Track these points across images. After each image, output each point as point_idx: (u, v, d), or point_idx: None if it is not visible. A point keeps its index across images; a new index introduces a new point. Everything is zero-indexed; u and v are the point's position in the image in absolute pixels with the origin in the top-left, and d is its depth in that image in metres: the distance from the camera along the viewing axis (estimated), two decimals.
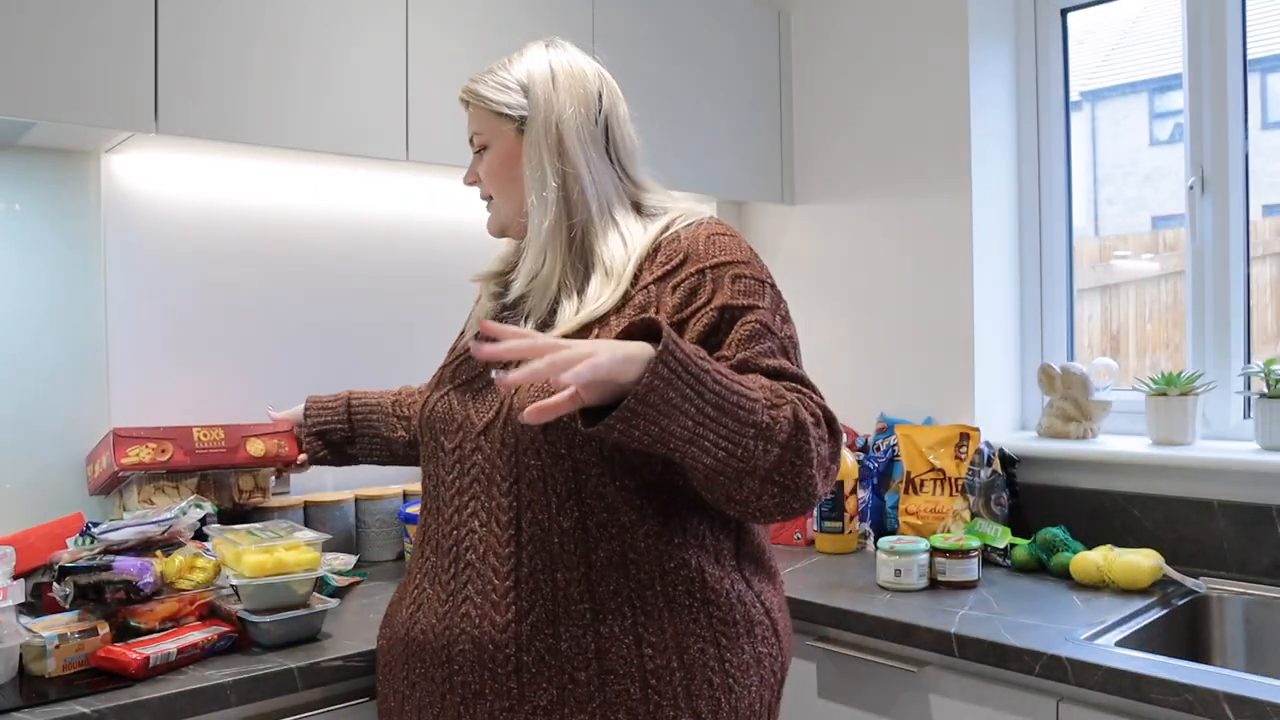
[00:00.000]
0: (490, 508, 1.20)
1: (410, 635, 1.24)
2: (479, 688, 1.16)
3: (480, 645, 1.16)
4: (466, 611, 1.18)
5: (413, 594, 1.26)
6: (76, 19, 1.50)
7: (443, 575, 1.22)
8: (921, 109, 2.33)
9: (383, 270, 2.17)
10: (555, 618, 1.15)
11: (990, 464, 2.05)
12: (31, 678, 1.30)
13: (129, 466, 1.66)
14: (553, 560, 1.16)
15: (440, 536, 1.24)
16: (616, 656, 1.14)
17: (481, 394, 1.26)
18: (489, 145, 1.36)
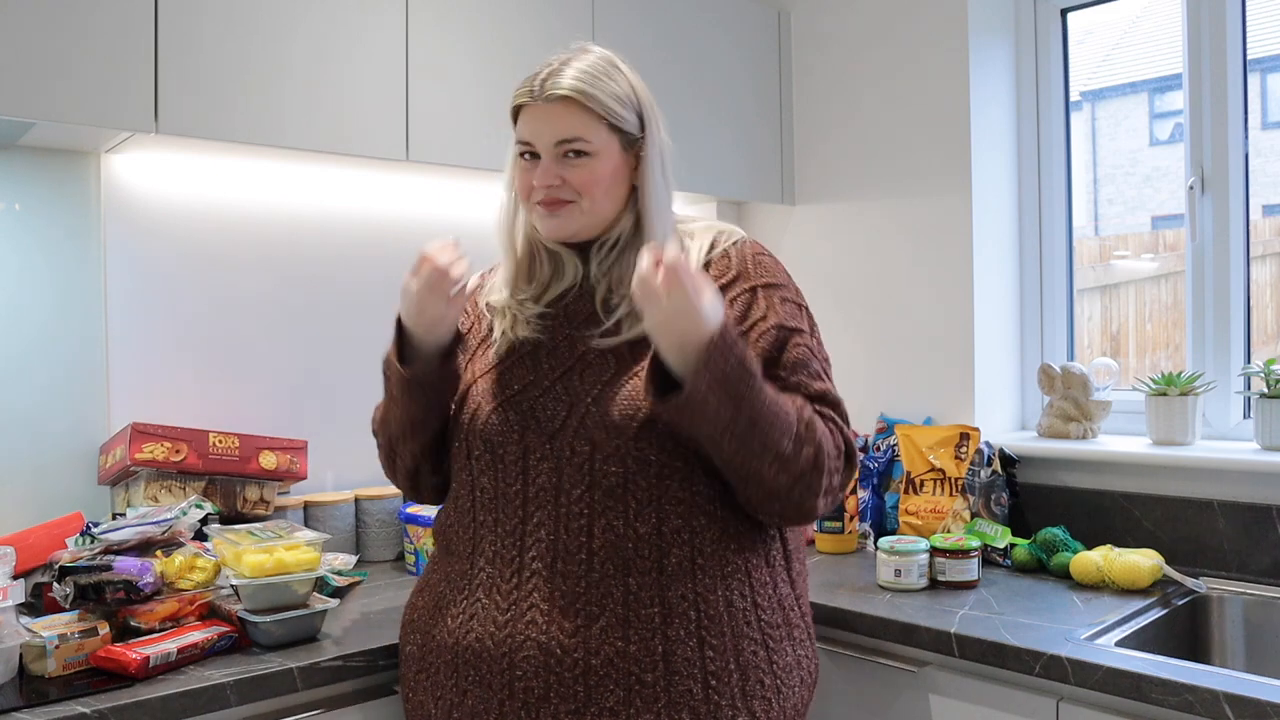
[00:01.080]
0: (560, 515, 1.22)
1: (462, 644, 1.23)
2: (543, 692, 1.17)
3: (547, 651, 1.18)
4: (532, 619, 1.19)
5: (462, 604, 1.26)
6: (76, 19, 1.50)
7: (503, 585, 1.22)
8: (921, 109, 2.33)
9: (382, 270, 2.17)
10: (626, 622, 1.18)
11: (990, 464, 2.05)
12: (31, 678, 1.30)
13: (142, 462, 1.68)
14: (626, 565, 1.20)
15: (500, 547, 1.24)
16: (681, 658, 1.18)
17: (541, 403, 1.27)
18: (593, 153, 1.30)
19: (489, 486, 1.28)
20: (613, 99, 1.30)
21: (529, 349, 1.33)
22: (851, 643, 1.66)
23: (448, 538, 1.34)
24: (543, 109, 1.29)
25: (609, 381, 1.25)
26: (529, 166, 1.32)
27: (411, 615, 1.36)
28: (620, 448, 1.21)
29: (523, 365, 1.32)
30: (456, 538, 1.31)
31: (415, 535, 1.89)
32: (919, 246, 2.35)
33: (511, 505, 1.25)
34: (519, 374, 1.31)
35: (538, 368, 1.31)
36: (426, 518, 1.88)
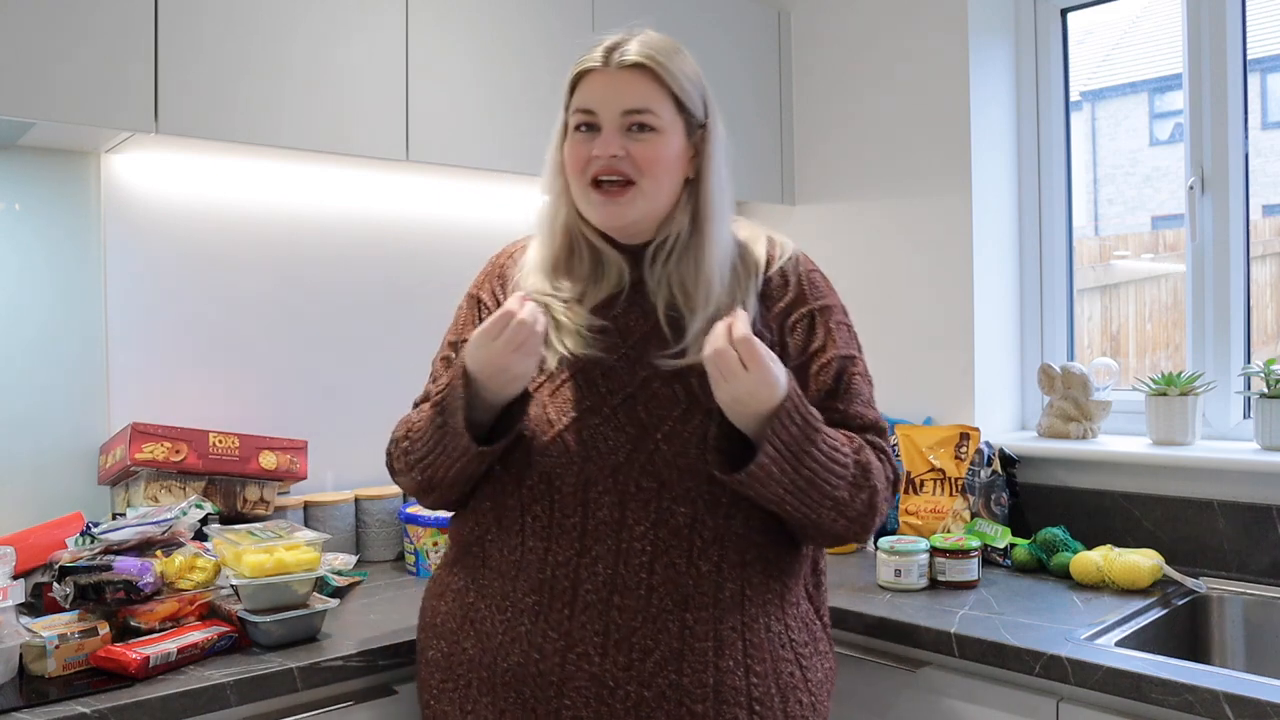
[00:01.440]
0: (620, 550, 1.19)
1: (502, 665, 1.20)
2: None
3: (600, 682, 1.16)
4: (585, 651, 1.17)
5: (501, 624, 1.22)
6: (76, 19, 1.50)
7: (553, 615, 1.19)
8: (921, 109, 2.33)
9: (382, 270, 2.17)
10: (680, 655, 1.17)
11: (990, 464, 2.05)
12: (31, 678, 1.30)
13: (142, 463, 1.68)
14: (684, 601, 1.19)
15: (551, 576, 1.20)
16: (729, 688, 1.18)
17: (602, 432, 1.21)
18: (660, 130, 1.23)
19: (542, 515, 1.22)
20: (684, 77, 1.25)
21: (582, 365, 1.25)
22: (851, 643, 1.66)
23: (485, 550, 1.27)
24: (611, 76, 1.22)
25: (680, 418, 1.21)
26: (585, 139, 1.24)
27: (434, 619, 1.31)
28: (692, 489, 1.20)
29: (578, 384, 1.24)
30: (498, 554, 1.26)
31: (415, 535, 1.89)
32: (919, 246, 2.35)
33: (568, 537, 1.21)
34: (576, 395, 1.24)
35: (595, 390, 1.24)
36: (426, 518, 1.88)
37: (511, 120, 2.00)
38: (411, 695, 1.47)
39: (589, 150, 1.23)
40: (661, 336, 1.25)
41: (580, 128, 1.25)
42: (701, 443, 1.19)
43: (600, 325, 1.26)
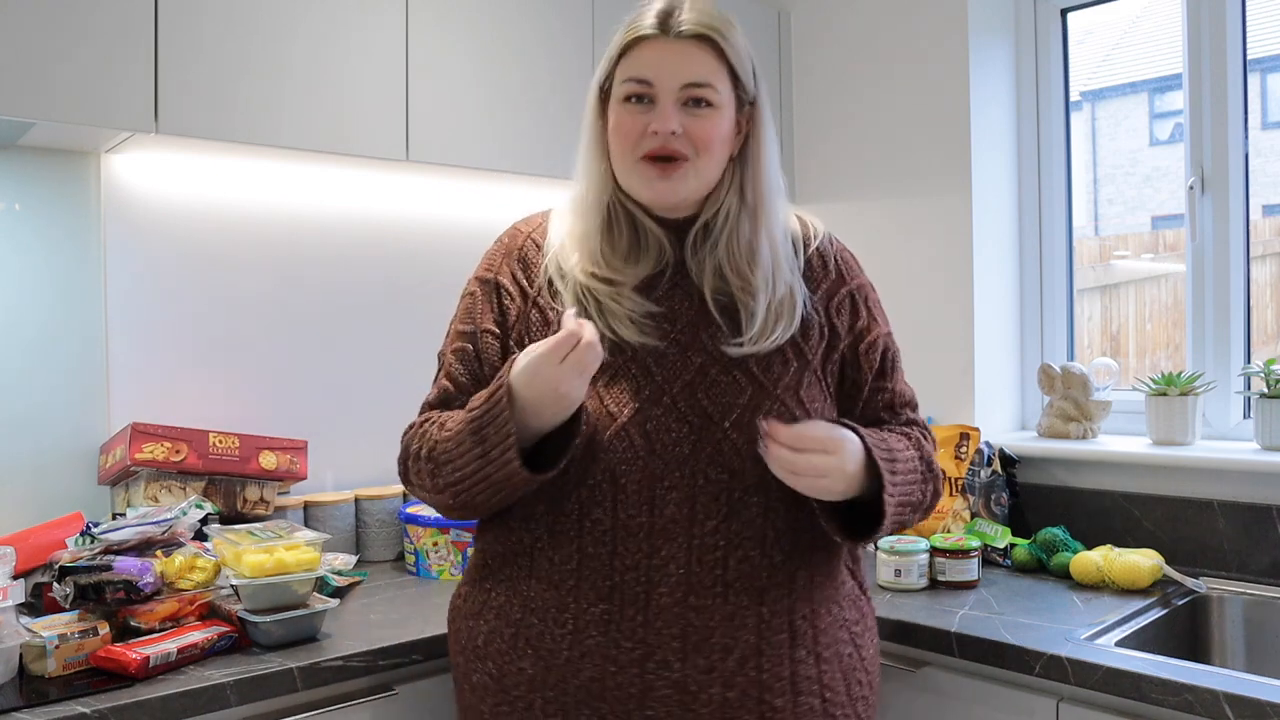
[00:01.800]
0: (692, 548, 1.13)
1: (574, 683, 1.13)
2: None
3: (682, 689, 1.11)
4: (664, 659, 1.12)
5: (565, 639, 1.14)
6: (76, 19, 1.50)
7: (625, 624, 1.12)
8: (922, 109, 2.33)
9: (382, 270, 2.17)
10: (759, 651, 1.14)
11: (990, 464, 2.05)
12: (31, 678, 1.30)
13: (142, 463, 1.69)
14: (760, 594, 1.15)
15: (620, 582, 1.13)
16: (803, 678, 1.16)
17: (663, 423, 1.15)
18: (717, 105, 1.17)
19: (604, 519, 1.14)
20: (742, 50, 1.19)
21: (634, 353, 1.17)
22: None
23: (532, 561, 1.18)
24: (669, 46, 1.15)
25: (748, 405, 1.16)
26: (638, 111, 1.16)
27: (474, 640, 1.22)
28: (765, 478, 1.13)
29: (633, 374, 1.17)
30: (547, 564, 1.17)
31: (415, 535, 1.89)
32: (919, 246, 2.35)
33: (635, 539, 1.13)
34: (633, 386, 1.16)
35: (651, 379, 1.16)
36: (426, 518, 1.88)
37: (511, 120, 2.00)
38: (412, 695, 1.47)
39: (643, 123, 1.16)
40: (710, 320, 1.19)
41: (631, 99, 1.17)
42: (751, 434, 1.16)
43: (649, 310, 1.19)
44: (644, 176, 1.18)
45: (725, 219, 1.21)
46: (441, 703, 1.50)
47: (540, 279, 1.23)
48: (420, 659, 1.47)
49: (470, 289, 1.29)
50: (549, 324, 1.20)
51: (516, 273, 1.25)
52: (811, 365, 1.22)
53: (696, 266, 1.22)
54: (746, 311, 1.19)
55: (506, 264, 1.27)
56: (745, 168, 1.22)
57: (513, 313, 1.23)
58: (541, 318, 1.22)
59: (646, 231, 1.22)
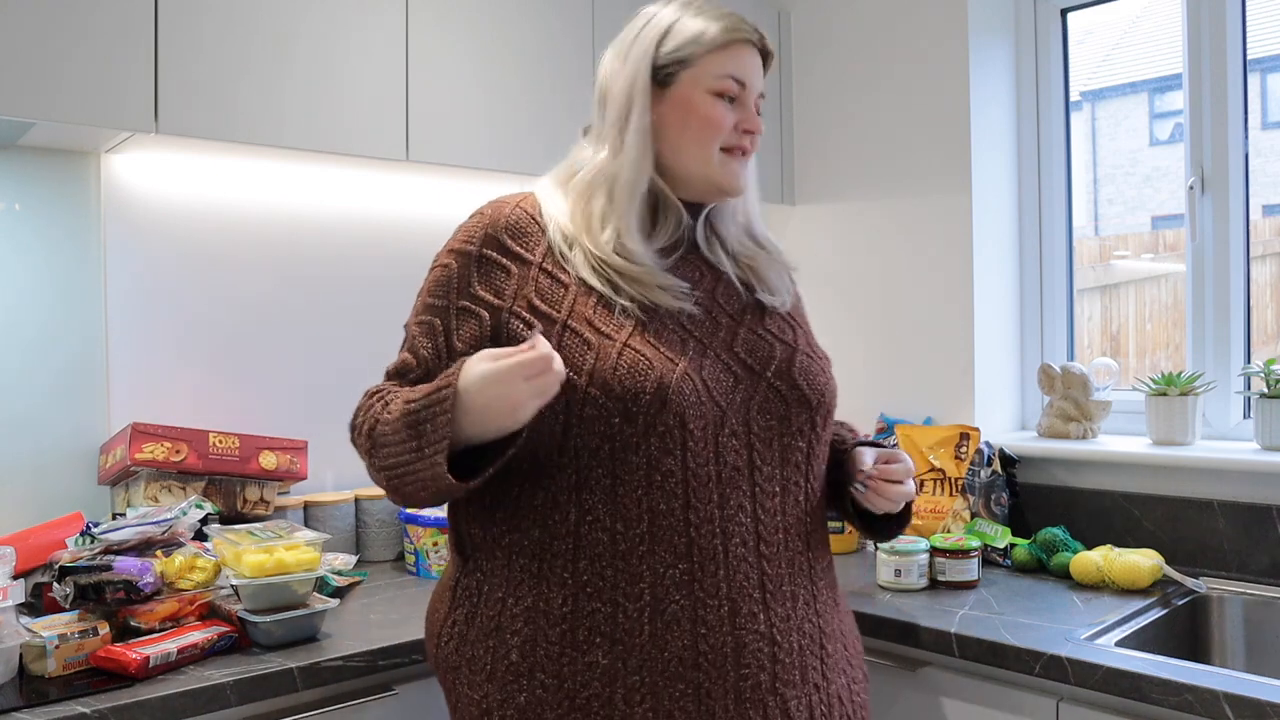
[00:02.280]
0: (755, 494, 1.14)
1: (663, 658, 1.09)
2: (770, 683, 1.12)
3: (771, 641, 1.12)
4: (751, 611, 1.12)
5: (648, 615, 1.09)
6: (76, 19, 1.50)
7: (707, 583, 1.10)
8: (921, 109, 2.33)
9: (382, 270, 2.17)
10: (814, 596, 1.19)
11: (990, 464, 2.05)
12: (31, 678, 1.30)
13: (142, 463, 1.69)
14: (808, 539, 1.20)
15: (697, 539, 1.11)
16: (836, 626, 1.23)
17: (714, 375, 1.16)
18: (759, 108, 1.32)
19: (675, 469, 1.10)
20: None
21: (665, 314, 1.18)
22: None
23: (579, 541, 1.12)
24: (756, 57, 1.30)
25: (784, 358, 1.22)
26: (727, 107, 1.26)
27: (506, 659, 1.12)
28: (808, 421, 1.20)
29: (670, 330, 1.17)
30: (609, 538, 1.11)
31: (415, 535, 1.89)
32: (919, 246, 2.35)
33: (706, 489, 1.11)
34: (677, 338, 1.17)
35: (691, 335, 1.19)
36: (427, 518, 1.88)
37: (511, 120, 2.00)
38: (412, 695, 1.47)
39: (733, 118, 1.27)
40: (729, 289, 1.27)
41: (724, 96, 1.26)
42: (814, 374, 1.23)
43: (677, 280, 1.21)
44: (727, 166, 1.28)
45: (729, 204, 1.34)
46: (442, 702, 1.50)
47: (541, 246, 1.21)
48: (420, 659, 1.47)
49: (443, 261, 1.24)
50: (564, 286, 1.17)
51: (507, 241, 1.21)
52: (806, 329, 1.34)
53: (708, 243, 1.30)
54: (758, 277, 1.30)
55: (492, 234, 1.22)
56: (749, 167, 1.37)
57: (512, 285, 1.19)
58: (550, 281, 1.18)
59: (669, 210, 1.26)
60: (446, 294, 1.22)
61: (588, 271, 1.17)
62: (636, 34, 1.27)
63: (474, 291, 1.20)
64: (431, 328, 1.22)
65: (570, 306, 1.16)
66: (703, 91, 1.24)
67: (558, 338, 1.14)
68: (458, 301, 1.20)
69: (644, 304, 1.17)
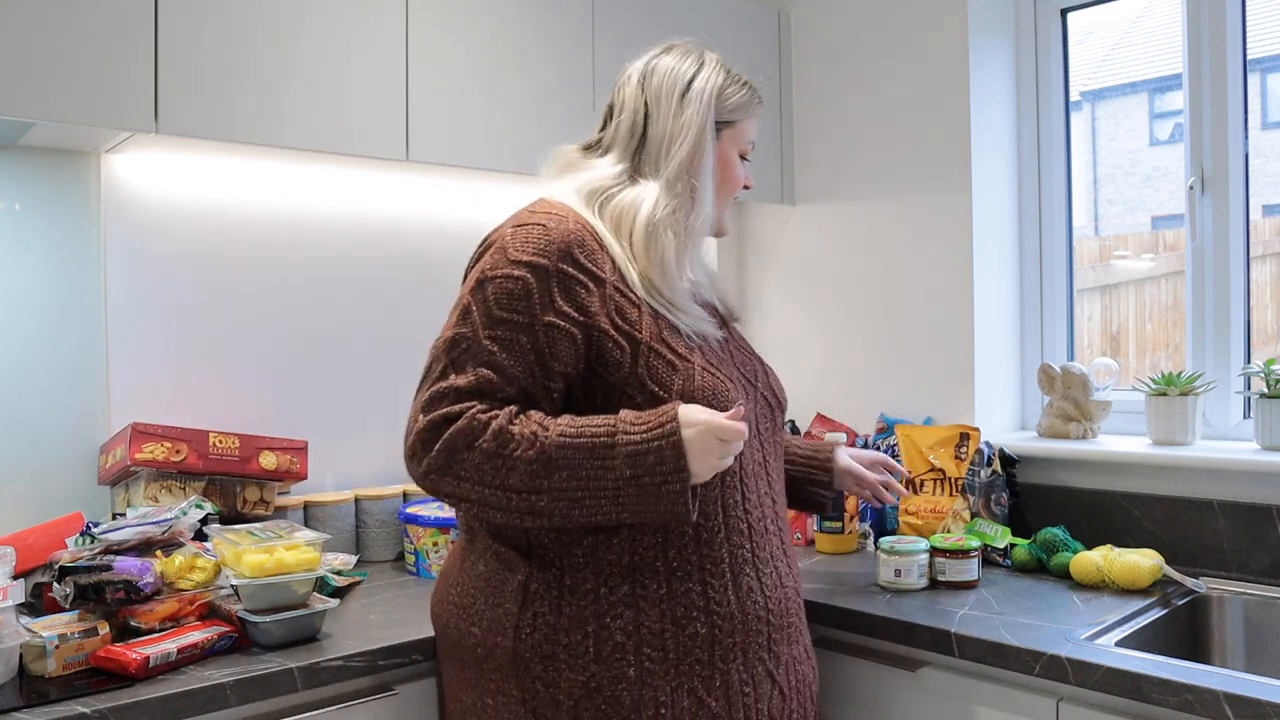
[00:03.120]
0: (770, 483, 1.40)
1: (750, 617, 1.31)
2: (799, 625, 1.41)
3: (795, 601, 1.40)
4: (780, 573, 1.37)
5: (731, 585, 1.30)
6: (76, 19, 1.50)
7: (763, 555, 1.34)
8: (921, 109, 2.33)
9: (382, 270, 2.17)
10: (793, 571, 1.42)
11: (990, 464, 2.05)
12: (31, 678, 1.30)
13: (142, 463, 1.68)
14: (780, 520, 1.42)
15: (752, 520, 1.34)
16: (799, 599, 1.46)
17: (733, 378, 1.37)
18: None
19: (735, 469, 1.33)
20: None
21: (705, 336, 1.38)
22: (851, 643, 1.66)
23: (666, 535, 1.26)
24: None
25: (762, 369, 1.49)
26: (741, 166, 1.48)
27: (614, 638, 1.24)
28: (780, 422, 1.49)
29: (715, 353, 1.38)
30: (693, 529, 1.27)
31: (415, 535, 1.89)
32: (919, 246, 2.35)
33: (750, 481, 1.35)
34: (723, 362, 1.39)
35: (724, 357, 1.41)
36: (426, 518, 1.88)
37: (511, 120, 2.00)
38: (412, 695, 1.47)
39: (745, 175, 1.48)
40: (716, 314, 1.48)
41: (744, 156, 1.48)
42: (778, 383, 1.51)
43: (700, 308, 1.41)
44: (728, 214, 1.49)
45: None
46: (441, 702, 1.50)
47: (608, 265, 1.29)
48: (420, 659, 1.47)
49: (514, 274, 1.23)
50: (638, 307, 1.28)
51: (581, 258, 1.26)
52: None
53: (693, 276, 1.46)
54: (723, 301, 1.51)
55: (565, 250, 1.25)
56: None
57: (594, 302, 1.25)
58: (626, 301, 1.28)
59: None
60: (529, 309, 1.23)
61: (644, 294, 1.30)
62: (689, 82, 1.40)
63: (560, 308, 1.23)
64: (517, 345, 1.23)
65: (648, 328, 1.28)
66: (735, 151, 1.46)
67: (644, 358, 1.26)
68: (543, 318, 1.23)
69: (694, 329, 1.35)
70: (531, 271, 1.23)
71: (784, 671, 1.36)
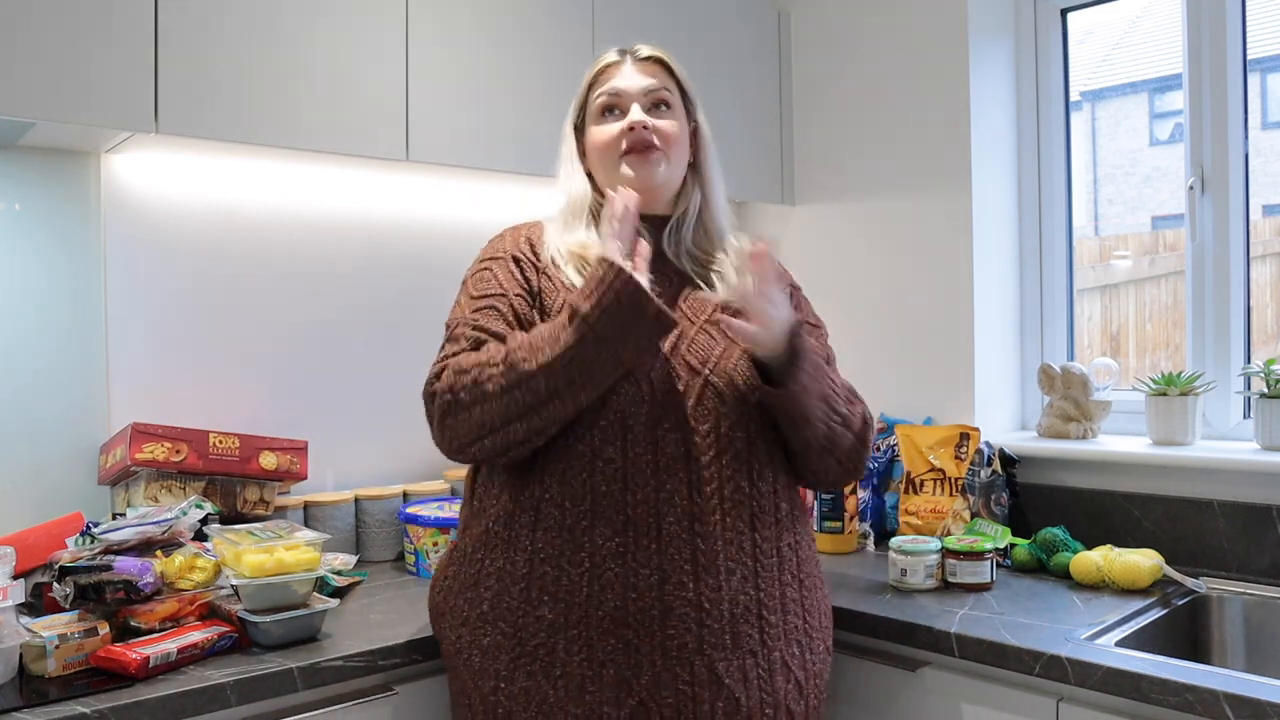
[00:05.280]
0: (692, 481, 1.30)
1: (598, 615, 1.25)
2: (697, 645, 1.26)
3: (697, 606, 1.27)
4: (680, 580, 1.27)
5: (587, 578, 1.26)
6: (77, 19, 1.50)
7: (640, 553, 1.27)
8: (922, 109, 2.33)
9: (382, 270, 2.17)
10: (756, 573, 1.32)
11: (990, 464, 2.05)
12: (31, 678, 1.30)
13: (142, 463, 1.68)
14: (752, 521, 1.33)
15: (634, 515, 1.27)
16: (790, 599, 1.35)
17: (660, 373, 1.32)
18: (673, 107, 1.46)
19: (615, 458, 1.29)
20: (685, 74, 1.50)
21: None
22: (851, 643, 1.66)
23: (538, 514, 1.30)
24: (630, 65, 1.45)
25: (723, 354, 1.37)
26: (615, 120, 1.44)
27: (479, 608, 1.32)
28: (745, 414, 1.34)
29: None
30: (560, 513, 1.28)
31: (415, 535, 1.89)
32: (919, 246, 2.35)
33: (643, 475, 1.29)
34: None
35: None
36: (426, 518, 1.88)
37: (512, 120, 2.00)
38: (412, 695, 1.47)
39: (619, 128, 1.43)
40: (694, 286, 1.44)
41: (606, 112, 1.45)
42: (747, 369, 1.35)
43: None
44: (628, 167, 1.43)
45: (692, 213, 1.48)
46: (441, 703, 1.50)
47: (545, 256, 1.42)
48: (420, 659, 1.47)
49: (483, 266, 1.43)
50: (558, 290, 1.38)
51: (525, 250, 1.43)
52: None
53: (673, 251, 1.46)
54: (719, 276, 1.44)
55: (515, 246, 1.44)
56: (701, 174, 1.50)
57: (534, 280, 1.40)
58: (551, 285, 1.39)
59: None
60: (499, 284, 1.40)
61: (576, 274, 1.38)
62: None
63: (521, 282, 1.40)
64: (494, 311, 1.37)
65: (558, 308, 1.34)
66: (596, 116, 1.46)
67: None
68: (512, 290, 1.39)
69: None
70: (496, 261, 1.44)
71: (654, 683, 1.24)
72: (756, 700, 1.28)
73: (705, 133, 1.52)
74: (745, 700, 1.27)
